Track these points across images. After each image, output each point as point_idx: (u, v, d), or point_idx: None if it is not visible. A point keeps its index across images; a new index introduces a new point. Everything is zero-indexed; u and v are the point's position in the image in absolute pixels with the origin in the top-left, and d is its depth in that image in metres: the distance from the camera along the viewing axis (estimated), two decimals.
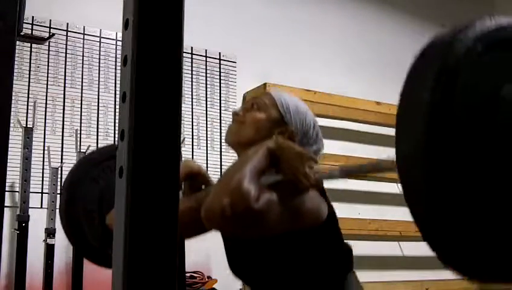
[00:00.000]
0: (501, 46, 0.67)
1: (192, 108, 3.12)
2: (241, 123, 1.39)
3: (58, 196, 2.61)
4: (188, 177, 1.40)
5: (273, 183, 1.14)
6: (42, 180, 2.65)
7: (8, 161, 0.93)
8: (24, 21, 2.61)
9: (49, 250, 2.52)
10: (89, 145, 2.76)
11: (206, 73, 3.21)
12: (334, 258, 1.32)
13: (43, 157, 2.67)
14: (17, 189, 2.52)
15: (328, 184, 1.30)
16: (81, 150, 2.71)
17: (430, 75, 0.64)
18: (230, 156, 3.13)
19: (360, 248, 3.21)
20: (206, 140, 3.12)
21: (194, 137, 3.09)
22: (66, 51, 2.84)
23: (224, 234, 1.39)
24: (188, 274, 2.75)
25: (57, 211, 2.60)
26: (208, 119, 3.16)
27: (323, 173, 1.13)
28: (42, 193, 2.64)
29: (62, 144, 2.74)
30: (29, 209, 2.51)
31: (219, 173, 3.11)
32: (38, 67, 2.76)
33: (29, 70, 2.73)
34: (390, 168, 0.66)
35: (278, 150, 1.16)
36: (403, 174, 0.66)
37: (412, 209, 0.66)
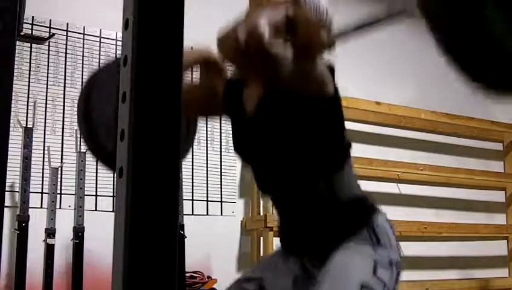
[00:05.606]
0: None
1: None
2: None
3: (58, 196, 2.62)
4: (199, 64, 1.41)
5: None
6: (42, 180, 2.65)
7: (8, 161, 0.93)
8: (24, 21, 2.61)
9: (49, 250, 2.52)
10: None
11: None
12: (335, 138, 1.37)
13: (43, 157, 2.67)
14: (17, 189, 2.52)
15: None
16: (81, 150, 2.71)
17: None
18: (230, 156, 3.12)
19: None
20: (206, 140, 3.12)
21: None
22: (66, 51, 2.84)
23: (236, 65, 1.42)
24: (188, 274, 2.75)
25: (57, 211, 2.62)
26: (208, 119, 3.16)
27: (336, 32, 1.12)
28: (42, 193, 2.64)
29: (62, 144, 2.74)
30: (29, 209, 2.51)
31: (219, 174, 3.11)
32: (38, 67, 2.76)
33: (29, 70, 2.73)
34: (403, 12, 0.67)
35: (295, 16, 1.16)
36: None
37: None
